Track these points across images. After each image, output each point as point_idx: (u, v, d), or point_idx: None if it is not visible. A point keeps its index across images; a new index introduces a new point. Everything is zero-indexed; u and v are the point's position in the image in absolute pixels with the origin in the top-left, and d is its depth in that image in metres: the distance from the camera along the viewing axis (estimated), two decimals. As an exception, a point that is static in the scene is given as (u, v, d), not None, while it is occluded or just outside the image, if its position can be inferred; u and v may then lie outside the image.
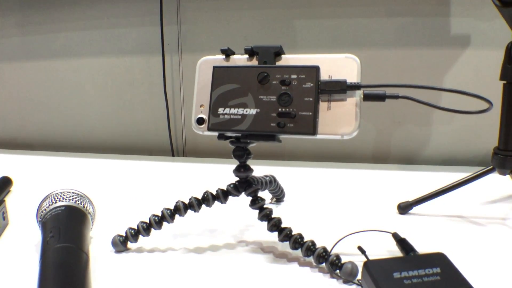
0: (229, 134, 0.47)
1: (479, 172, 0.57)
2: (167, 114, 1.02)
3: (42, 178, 0.85)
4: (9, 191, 0.73)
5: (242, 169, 0.50)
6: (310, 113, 0.44)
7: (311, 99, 0.44)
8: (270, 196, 0.67)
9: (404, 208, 0.61)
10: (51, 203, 0.50)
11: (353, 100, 0.44)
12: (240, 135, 0.47)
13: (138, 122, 1.07)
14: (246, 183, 0.51)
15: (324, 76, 0.45)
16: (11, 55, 1.11)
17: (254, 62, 0.47)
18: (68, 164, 0.96)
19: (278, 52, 0.47)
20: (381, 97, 0.44)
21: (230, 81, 0.47)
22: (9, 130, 1.15)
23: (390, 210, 0.62)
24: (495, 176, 0.58)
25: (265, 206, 0.50)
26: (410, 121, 0.90)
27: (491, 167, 0.56)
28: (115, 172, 0.89)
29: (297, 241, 0.48)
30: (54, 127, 1.12)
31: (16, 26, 1.08)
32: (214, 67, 0.48)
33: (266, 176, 0.60)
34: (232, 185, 0.51)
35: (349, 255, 0.47)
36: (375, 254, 0.47)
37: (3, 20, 1.09)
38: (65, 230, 0.44)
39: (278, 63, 0.47)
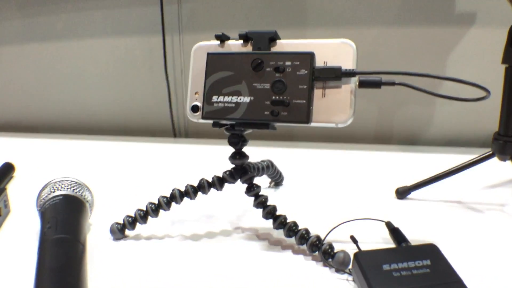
0: (223, 122, 0.47)
1: (479, 158, 0.57)
2: (168, 95, 1.02)
3: (45, 162, 0.86)
4: (12, 177, 0.74)
5: (238, 156, 0.50)
6: (304, 101, 0.43)
7: (305, 86, 0.43)
8: (269, 180, 0.68)
9: (402, 193, 0.60)
10: (49, 192, 0.50)
11: (348, 87, 0.43)
12: (234, 123, 0.47)
13: (139, 103, 1.07)
14: (241, 170, 0.51)
15: (319, 62, 0.44)
16: (13, 38, 1.10)
17: (249, 47, 0.46)
18: (70, 146, 0.96)
19: (273, 38, 0.46)
20: (377, 84, 0.43)
21: (224, 68, 0.46)
22: (14, 113, 1.16)
23: (388, 194, 0.62)
24: (495, 160, 0.58)
25: (260, 193, 0.50)
26: (412, 101, 0.89)
27: (491, 152, 0.55)
28: (117, 154, 0.89)
29: (291, 229, 0.48)
30: (57, 109, 1.12)
31: (17, 8, 1.07)
32: (208, 54, 0.47)
33: (263, 161, 0.60)
34: (228, 172, 0.51)
35: (344, 242, 0.47)
36: (369, 241, 0.47)
37: (4, 2, 1.08)
38: (62, 221, 0.44)
39: (273, 49, 0.46)
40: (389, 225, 0.45)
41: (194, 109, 0.48)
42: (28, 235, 0.53)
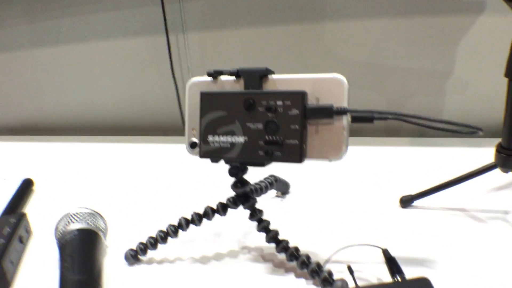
0: (220, 160, 0.48)
1: (482, 169, 0.56)
2: (176, 94, 1.03)
3: (62, 168, 0.89)
4: (32, 191, 0.78)
5: (239, 184, 0.52)
6: (297, 142, 0.44)
7: (297, 127, 0.44)
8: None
9: (406, 202, 0.61)
10: (65, 225, 0.54)
11: (341, 123, 0.43)
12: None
13: (149, 102, 1.08)
14: (243, 197, 0.52)
15: (311, 98, 0.44)
16: (21, 43, 1.12)
17: (242, 83, 0.47)
18: (85, 149, 1.00)
19: (264, 74, 0.46)
20: (369, 120, 0.43)
21: (217, 107, 0.47)
22: (29, 116, 1.20)
23: (393, 201, 0.63)
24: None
25: (263, 217, 0.52)
26: (422, 92, 0.87)
27: (494, 164, 0.55)
28: (131, 156, 0.92)
29: (292, 255, 0.50)
30: (70, 111, 1.15)
31: (22, 14, 1.08)
32: (201, 94, 0.47)
33: (267, 178, 0.61)
34: (231, 199, 0.53)
35: (343, 262, 0.48)
36: (367, 263, 0.49)
37: (10, 9, 1.09)
38: (78, 261, 0.48)
39: (265, 86, 0.46)
40: (385, 253, 0.46)
41: (192, 145, 0.49)
42: (51, 261, 0.57)
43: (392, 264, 0.44)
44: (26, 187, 0.75)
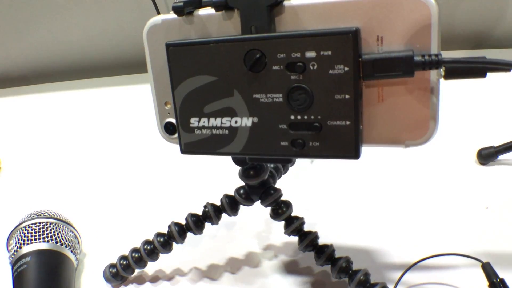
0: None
1: None
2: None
3: (36, 131, 0.69)
4: (-2, 170, 0.59)
5: (252, 171, 0.32)
6: (348, 122, 0.23)
7: (347, 96, 0.22)
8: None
9: (487, 157, 0.41)
10: (16, 248, 0.36)
11: (426, 81, 0.22)
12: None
13: (130, 35, 0.84)
14: (261, 190, 0.33)
15: (369, 39, 0.22)
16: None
17: (236, 21, 0.25)
18: (63, 98, 0.80)
19: (275, 2, 0.23)
20: (480, 73, 0.22)
21: (199, 70, 0.25)
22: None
23: (467, 156, 0.43)
24: None
25: (293, 214, 0.33)
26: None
27: None
28: (115, 103, 0.72)
29: (343, 270, 0.32)
30: (40, 55, 0.91)
31: None
32: (168, 46, 0.25)
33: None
34: (242, 193, 0.33)
35: (419, 271, 0.31)
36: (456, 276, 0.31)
37: None
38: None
39: (280, 23, 0.24)
40: (487, 270, 0.27)
41: (169, 129, 0.29)
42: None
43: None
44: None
